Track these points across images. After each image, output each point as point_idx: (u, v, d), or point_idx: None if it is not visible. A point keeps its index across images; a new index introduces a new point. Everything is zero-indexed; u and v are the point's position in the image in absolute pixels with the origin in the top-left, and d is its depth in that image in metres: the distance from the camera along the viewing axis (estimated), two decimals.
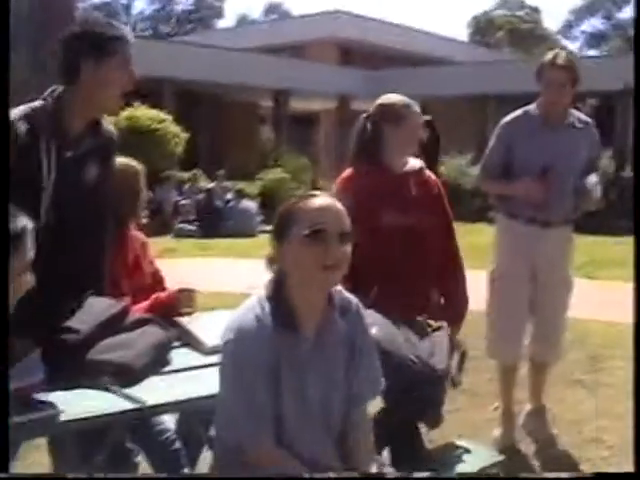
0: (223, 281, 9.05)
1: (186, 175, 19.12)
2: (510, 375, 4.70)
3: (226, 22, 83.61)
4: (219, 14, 70.66)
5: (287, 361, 2.26)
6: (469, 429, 4.67)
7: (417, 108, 3.61)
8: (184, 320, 3.19)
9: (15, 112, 2.82)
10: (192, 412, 3.05)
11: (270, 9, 69.50)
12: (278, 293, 2.31)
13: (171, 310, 3.25)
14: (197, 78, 23.15)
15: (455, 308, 3.70)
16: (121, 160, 3.37)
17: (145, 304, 3.26)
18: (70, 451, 3.40)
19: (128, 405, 2.41)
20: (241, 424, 2.23)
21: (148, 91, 20.80)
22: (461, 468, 2.91)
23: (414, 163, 3.65)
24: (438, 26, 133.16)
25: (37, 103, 2.88)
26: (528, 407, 4.79)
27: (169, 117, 17.76)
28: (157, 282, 3.59)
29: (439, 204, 3.71)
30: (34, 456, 3.95)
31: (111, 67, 2.84)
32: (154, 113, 17.44)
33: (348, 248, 2.29)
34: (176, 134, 17.43)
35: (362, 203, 3.19)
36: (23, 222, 1.86)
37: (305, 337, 2.31)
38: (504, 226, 4.62)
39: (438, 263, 3.63)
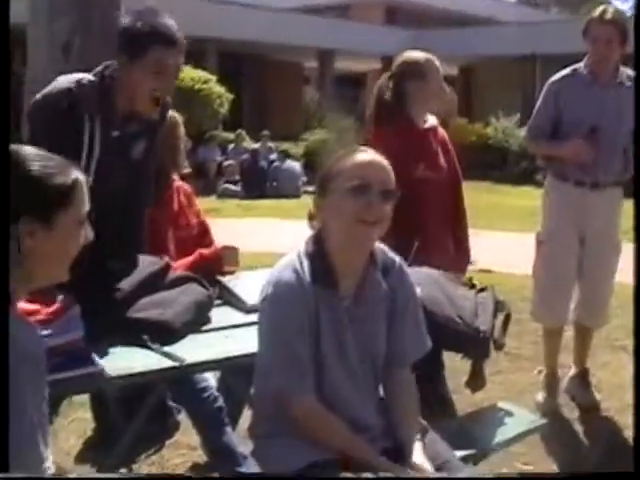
0: (266, 242, 9.04)
1: (230, 136, 19.10)
2: (555, 339, 4.64)
3: None
4: None
5: (326, 318, 2.24)
6: (512, 392, 4.63)
7: (438, 63, 3.68)
8: (226, 278, 3.17)
9: (62, 83, 2.76)
10: (232, 370, 3.05)
11: None
12: (317, 249, 2.27)
13: (214, 267, 3.22)
14: (242, 38, 23.03)
15: (464, 257, 3.93)
16: None
17: (188, 260, 3.23)
18: (112, 408, 3.45)
19: (167, 363, 2.40)
20: (282, 379, 2.20)
21: (193, 52, 20.89)
22: (502, 431, 2.86)
23: (431, 120, 3.79)
24: None
25: (87, 79, 2.79)
26: (572, 371, 4.72)
27: (213, 77, 17.72)
28: (204, 232, 3.59)
29: (452, 160, 3.86)
30: (77, 413, 4.02)
31: (139, 69, 2.70)
32: (199, 73, 17.39)
33: (389, 206, 2.25)
34: (220, 94, 17.40)
35: (396, 160, 3.20)
36: (74, 175, 1.82)
37: (344, 294, 2.28)
38: (552, 188, 4.53)
39: (452, 215, 3.86)
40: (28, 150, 1.78)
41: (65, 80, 2.78)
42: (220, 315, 2.84)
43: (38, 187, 1.73)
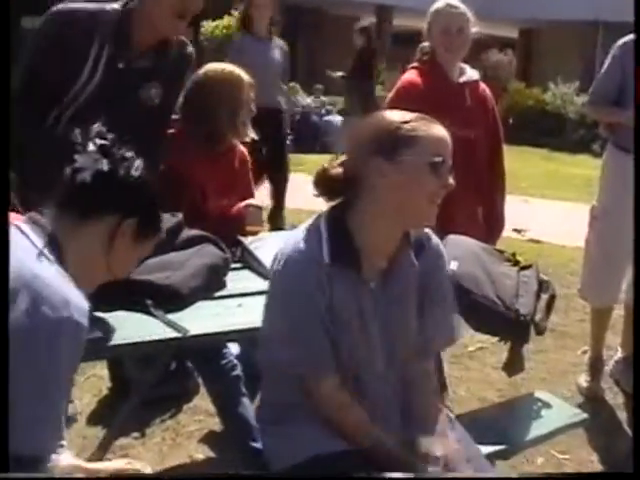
0: (310, 198, 8.81)
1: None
2: (603, 319, 4.35)
3: None
4: None
5: (345, 302, 2.00)
6: (553, 373, 4.41)
7: (460, 11, 3.57)
8: (248, 240, 2.95)
9: (84, 6, 2.69)
10: (251, 341, 2.84)
11: None
12: (341, 223, 2.01)
13: (238, 226, 3.01)
14: None
15: (497, 225, 3.75)
16: (223, 66, 3.11)
17: (212, 219, 2.99)
18: (128, 366, 3.29)
19: (170, 333, 2.20)
20: (299, 364, 1.99)
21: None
22: (537, 425, 2.62)
23: (471, 74, 3.62)
24: None
25: (112, 7, 2.72)
26: (618, 354, 4.44)
27: None
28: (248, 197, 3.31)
29: (492, 119, 3.67)
30: (94, 369, 3.87)
31: None
32: None
33: None
34: None
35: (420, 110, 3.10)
36: None
37: (369, 277, 2.04)
38: (612, 159, 4.21)
39: (487, 178, 3.65)
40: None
41: (88, 4, 2.71)
42: (237, 281, 2.64)
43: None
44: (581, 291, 4.43)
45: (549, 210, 9.39)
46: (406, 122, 1.99)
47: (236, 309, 2.39)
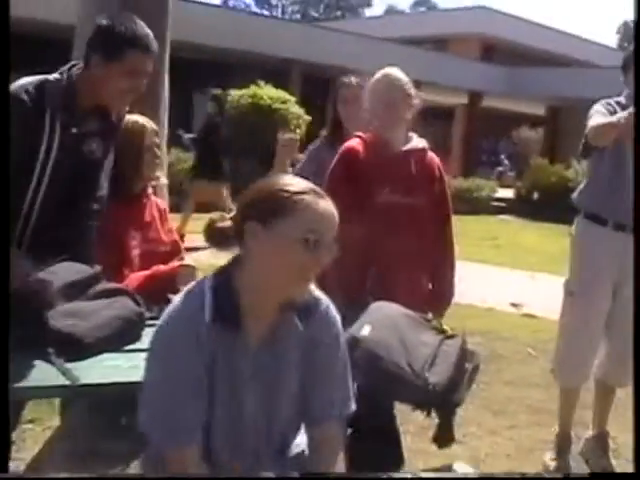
0: None
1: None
2: (572, 397, 4.26)
3: (374, 11, 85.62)
4: (368, 2, 72.28)
5: (223, 364, 1.98)
6: (520, 450, 4.32)
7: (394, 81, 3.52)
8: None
9: (29, 81, 2.83)
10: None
11: (419, 2, 70.06)
12: (227, 283, 2.00)
13: (170, 284, 2.99)
14: (329, 63, 23.02)
15: (443, 297, 3.65)
16: (129, 117, 3.16)
17: (143, 274, 3.04)
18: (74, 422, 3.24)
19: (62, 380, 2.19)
20: (158, 430, 1.96)
21: (276, 71, 20.92)
22: None
23: (417, 142, 3.56)
24: (586, 31, 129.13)
25: (53, 76, 2.88)
26: (589, 433, 4.32)
27: (292, 98, 17.60)
28: (175, 252, 3.35)
29: (438, 187, 3.59)
30: (50, 422, 3.86)
31: (113, 71, 2.80)
32: (277, 93, 17.33)
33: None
34: (299, 115, 17.24)
35: (361, 179, 3.26)
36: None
37: (250, 338, 2.02)
38: (584, 231, 4.15)
39: (432, 248, 3.55)
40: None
41: (33, 78, 2.85)
42: None
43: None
44: (555, 372, 4.33)
45: (553, 285, 9.24)
46: (290, 191, 1.96)
47: (140, 362, 2.36)
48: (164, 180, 3.43)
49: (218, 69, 21.26)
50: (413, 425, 4.01)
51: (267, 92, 16.86)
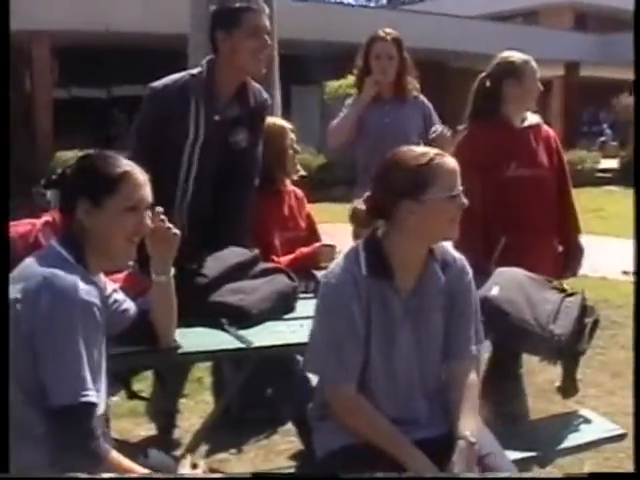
0: None
1: None
2: None
3: None
4: None
5: (379, 310, 2.31)
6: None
7: (534, 64, 3.76)
8: (321, 273, 3.35)
9: (173, 78, 3.20)
10: None
11: None
12: (377, 247, 2.34)
13: (312, 263, 3.48)
14: (420, 46, 23.05)
15: (575, 257, 3.89)
16: (268, 119, 3.53)
17: (289, 257, 3.50)
18: (228, 393, 3.65)
19: (237, 344, 2.63)
20: (325, 370, 2.34)
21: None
22: (572, 437, 2.82)
23: (532, 118, 3.80)
24: None
25: (197, 70, 3.23)
26: None
27: None
28: (311, 234, 3.79)
29: (557, 156, 3.83)
30: (203, 395, 4.30)
31: (238, 36, 3.13)
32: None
33: None
34: None
35: (485, 159, 3.48)
36: (123, 168, 2.10)
37: (401, 287, 2.35)
38: None
39: (558, 214, 3.79)
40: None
41: (177, 74, 3.23)
42: (305, 306, 2.97)
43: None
44: None
45: None
46: (425, 163, 2.28)
47: (298, 328, 2.76)
48: (302, 172, 3.82)
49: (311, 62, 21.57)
50: (534, 387, 4.24)
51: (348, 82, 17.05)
